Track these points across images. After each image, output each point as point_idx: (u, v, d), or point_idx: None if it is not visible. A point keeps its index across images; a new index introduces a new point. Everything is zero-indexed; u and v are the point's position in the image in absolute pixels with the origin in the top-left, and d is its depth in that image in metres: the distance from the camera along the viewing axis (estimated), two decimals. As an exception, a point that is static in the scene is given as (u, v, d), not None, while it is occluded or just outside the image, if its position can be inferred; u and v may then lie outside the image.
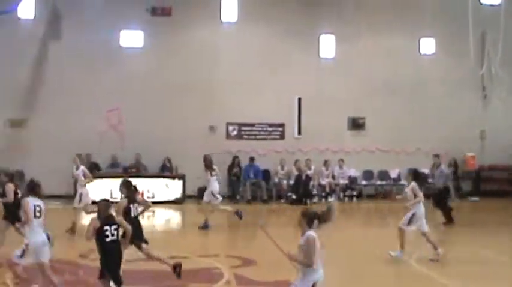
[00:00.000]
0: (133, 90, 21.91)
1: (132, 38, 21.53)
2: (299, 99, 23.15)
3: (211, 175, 16.20)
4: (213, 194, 16.18)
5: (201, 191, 21.80)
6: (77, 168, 15.87)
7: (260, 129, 23.28)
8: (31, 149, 21.16)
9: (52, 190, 20.67)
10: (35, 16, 18.88)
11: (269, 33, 22.98)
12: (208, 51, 22.44)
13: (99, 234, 8.78)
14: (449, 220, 17.27)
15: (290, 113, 23.12)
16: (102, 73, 21.75)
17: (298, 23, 22.88)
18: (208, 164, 16.29)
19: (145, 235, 11.04)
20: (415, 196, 12.72)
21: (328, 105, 22.99)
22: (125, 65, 21.90)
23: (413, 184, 12.86)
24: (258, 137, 23.21)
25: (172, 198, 21.06)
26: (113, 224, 8.93)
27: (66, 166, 20.53)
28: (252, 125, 23.13)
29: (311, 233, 7.45)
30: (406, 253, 12.77)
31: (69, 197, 20.39)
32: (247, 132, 23.19)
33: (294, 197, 21.69)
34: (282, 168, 22.75)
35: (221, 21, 20.98)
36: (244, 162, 22.49)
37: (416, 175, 13.14)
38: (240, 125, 23.06)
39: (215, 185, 16.25)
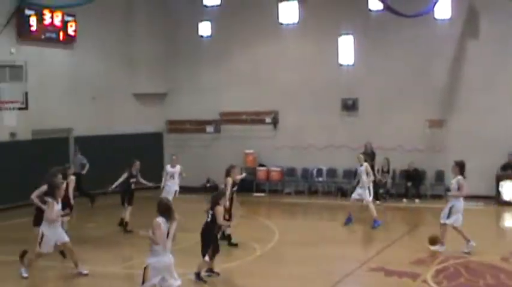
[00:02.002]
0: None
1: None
2: None
3: None
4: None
5: None
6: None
7: None
8: (450, 149, 22.57)
9: (474, 190, 21.95)
10: (451, 16, 20.10)
11: None
12: None
13: None
14: None
15: None
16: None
17: None
18: None
19: None
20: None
21: None
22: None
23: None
24: None
25: None
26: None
27: (488, 165, 21.42)
28: None
29: (157, 219, 9.96)
30: None
31: (490, 198, 21.31)
32: None
33: None
34: None
35: None
36: None
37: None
38: None
39: None
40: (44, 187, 13.50)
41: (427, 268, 13.27)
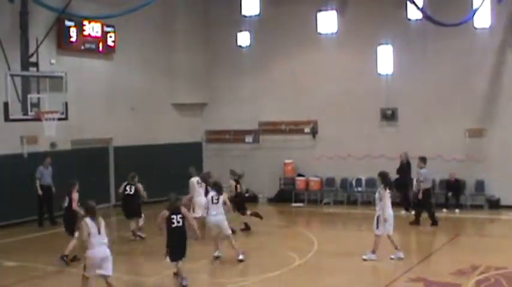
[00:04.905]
0: None
1: None
2: None
3: None
4: None
5: None
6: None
7: None
8: (490, 159, 22.66)
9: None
10: (491, 24, 20.16)
11: None
12: None
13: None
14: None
15: None
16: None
17: None
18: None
19: None
20: None
21: None
22: None
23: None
24: None
25: None
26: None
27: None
28: None
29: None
30: None
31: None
32: None
33: None
34: None
35: None
36: None
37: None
38: None
39: None
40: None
41: (468, 279, 13.40)
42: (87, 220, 11.64)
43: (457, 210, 22.50)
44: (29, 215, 21.19)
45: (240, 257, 15.28)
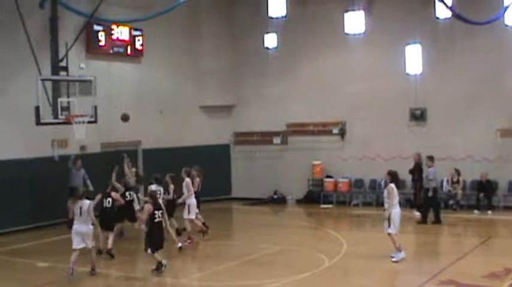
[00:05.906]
0: None
1: None
2: None
3: None
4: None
5: None
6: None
7: None
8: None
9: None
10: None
11: None
12: None
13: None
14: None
15: None
16: None
17: None
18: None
19: None
20: None
21: None
22: None
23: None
24: None
25: None
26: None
27: None
28: None
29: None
30: None
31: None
32: None
33: None
34: None
35: None
36: None
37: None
38: None
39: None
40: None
41: (501, 282, 13.20)
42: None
43: (489, 211, 22.15)
44: (59, 217, 21.32)
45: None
